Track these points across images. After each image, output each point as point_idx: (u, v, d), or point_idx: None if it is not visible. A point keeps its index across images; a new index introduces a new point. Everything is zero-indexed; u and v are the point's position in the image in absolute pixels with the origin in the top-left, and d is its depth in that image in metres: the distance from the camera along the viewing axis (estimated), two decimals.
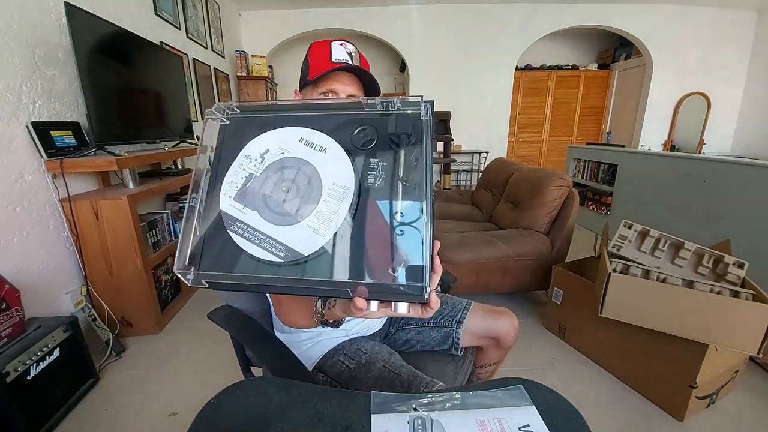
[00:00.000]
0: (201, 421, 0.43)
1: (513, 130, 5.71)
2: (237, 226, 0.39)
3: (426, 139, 0.38)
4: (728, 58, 4.90)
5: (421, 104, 0.38)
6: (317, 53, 0.74)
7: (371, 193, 0.38)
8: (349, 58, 0.73)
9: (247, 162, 0.41)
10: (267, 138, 0.41)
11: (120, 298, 1.72)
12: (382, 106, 0.40)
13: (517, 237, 1.94)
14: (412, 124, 0.38)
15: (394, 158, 0.38)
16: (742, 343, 1.15)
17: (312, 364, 0.82)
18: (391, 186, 0.37)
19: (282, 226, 0.38)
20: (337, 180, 0.38)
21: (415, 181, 0.37)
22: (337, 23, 4.61)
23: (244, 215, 0.39)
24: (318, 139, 0.40)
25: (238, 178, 0.41)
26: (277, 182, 0.40)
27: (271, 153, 0.41)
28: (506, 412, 0.44)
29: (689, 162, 2.33)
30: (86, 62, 1.58)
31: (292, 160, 0.40)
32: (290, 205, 0.39)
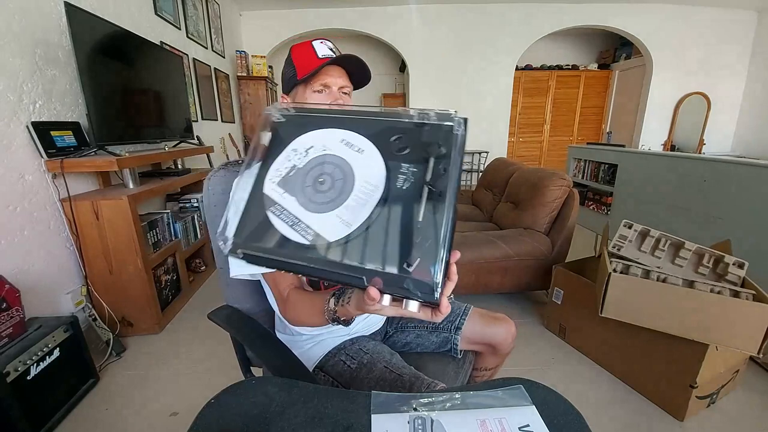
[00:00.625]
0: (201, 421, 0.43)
1: (513, 130, 5.71)
2: (275, 207, 0.44)
3: (455, 152, 0.40)
4: (728, 58, 4.90)
5: (454, 119, 0.41)
6: (301, 54, 0.74)
7: (398, 193, 0.41)
8: (333, 53, 0.74)
9: (293, 154, 0.46)
10: (313, 136, 0.46)
11: (120, 298, 1.72)
12: (419, 117, 0.43)
13: (517, 237, 1.94)
14: (445, 136, 0.41)
15: (425, 165, 0.41)
16: (742, 343, 1.15)
17: (314, 364, 0.82)
18: (417, 190, 0.40)
19: (314, 213, 0.42)
20: (369, 179, 0.42)
21: (439, 188, 0.39)
22: (337, 23, 4.61)
23: (282, 199, 0.44)
24: (357, 141, 0.45)
25: (283, 167, 0.46)
26: (316, 175, 0.44)
27: (315, 149, 0.46)
28: (506, 412, 0.45)
29: (689, 162, 2.33)
30: (86, 62, 1.58)
31: (331, 157, 0.45)
32: (324, 196, 0.43)
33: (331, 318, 0.59)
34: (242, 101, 4.38)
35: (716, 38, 4.81)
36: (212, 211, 0.84)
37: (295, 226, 0.42)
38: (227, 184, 0.84)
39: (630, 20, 4.68)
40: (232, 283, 0.89)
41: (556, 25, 4.74)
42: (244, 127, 4.48)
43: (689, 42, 4.80)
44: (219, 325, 0.81)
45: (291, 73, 0.75)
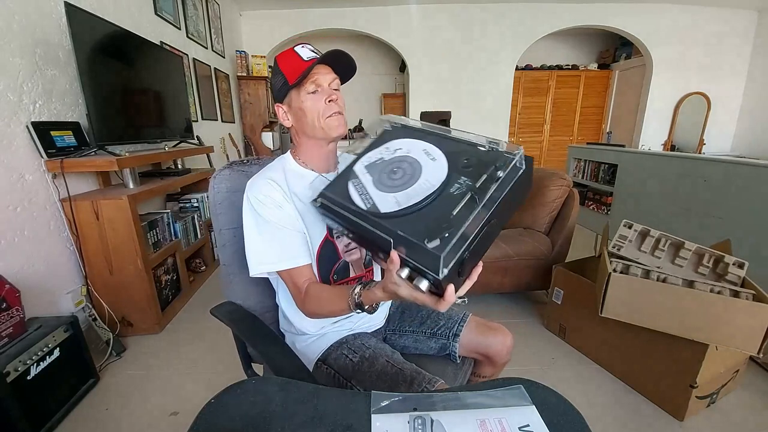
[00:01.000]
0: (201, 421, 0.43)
1: (513, 130, 5.71)
2: (355, 180, 0.60)
3: (508, 177, 0.49)
4: (728, 58, 4.90)
5: (518, 153, 0.50)
6: (287, 61, 0.74)
7: (447, 195, 0.51)
8: (316, 55, 0.75)
9: (385, 150, 0.63)
10: (404, 142, 0.62)
11: (120, 298, 1.72)
12: (489, 146, 0.54)
13: (517, 237, 1.94)
14: (505, 162, 0.50)
15: (478, 179, 0.50)
16: (742, 343, 1.15)
17: (316, 357, 0.83)
18: (463, 195, 0.49)
19: (379, 191, 0.56)
20: (430, 179, 0.53)
21: (481, 199, 0.47)
22: (337, 23, 4.61)
23: (363, 176, 0.60)
24: (434, 153, 0.57)
25: (374, 157, 0.63)
26: (394, 167, 0.58)
27: (401, 150, 0.61)
28: (506, 412, 0.45)
29: (689, 162, 2.33)
30: (86, 62, 1.58)
31: (410, 159, 0.58)
32: (393, 182, 0.56)
33: (355, 303, 0.64)
34: (242, 101, 4.38)
35: (716, 38, 4.81)
36: (217, 208, 0.86)
37: (362, 195, 0.57)
38: (232, 183, 0.86)
39: (630, 20, 4.68)
40: (234, 279, 0.89)
41: (556, 25, 4.74)
42: (244, 127, 4.48)
43: (689, 42, 4.80)
44: (221, 320, 0.81)
45: (281, 81, 0.75)
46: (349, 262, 0.83)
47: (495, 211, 0.48)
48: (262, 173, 0.77)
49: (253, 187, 0.74)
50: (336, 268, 0.82)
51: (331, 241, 0.79)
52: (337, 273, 0.82)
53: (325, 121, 0.74)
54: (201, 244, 2.44)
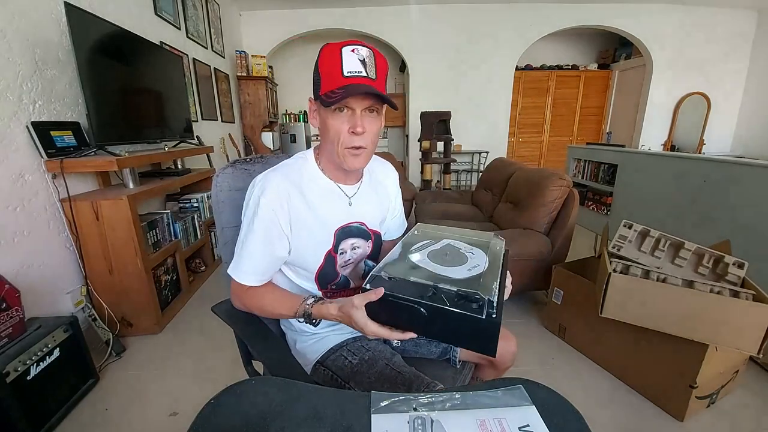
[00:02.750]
0: (201, 421, 0.43)
1: (513, 130, 5.71)
2: (416, 257, 0.67)
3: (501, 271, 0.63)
4: (728, 58, 4.90)
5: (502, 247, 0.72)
6: (327, 62, 0.64)
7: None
8: (363, 67, 0.64)
9: (433, 243, 0.74)
10: (450, 241, 0.74)
11: (120, 298, 1.72)
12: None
13: (517, 237, 1.93)
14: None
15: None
16: (742, 343, 1.15)
17: (315, 358, 0.82)
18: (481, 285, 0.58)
19: (435, 264, 0.64)
20: (473, 266, 0.63)
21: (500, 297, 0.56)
22: (337, 23, 4.61)
23: (422, 257, 0.67)
24: (476, 252, 0.70)
25: (427, 245, 0.73)
26: (446, 252, 0.69)
27: (450, 244, 0.73)
28: (506, 412, 0.45)
29: (689, 162, 2.33)
30: (86, 62, 1.58)
31: (457, 248, 0.71)
32: (444, 262, 0.65)
33: (304, 312, 0.69)
34: (242, 101, 4.38)
35: (716, 38, 4.81)
36: (219, 207, 0.86)
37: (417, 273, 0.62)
38: (235, 181, 0.85)
39: (630, 20, 4.68)
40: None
41: (556, 25, 4.74)
42: (244, 127, 4.48)
43: (689, 42, 4.80)
44: (221, 318, 0.81)
45: (317, 81, 0.67)
46: (346, 275, 0.82)
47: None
48: (280, 175, 0.71)
49: (266, 191, 0.69)
50: (336, 281, 0.81)
51: (333, 256, 0.78)
52: (336, 285, 0.82)
53: (342, 150, 0.68)
54: (201, 244, 2.44)
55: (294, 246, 0.73)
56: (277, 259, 0.74)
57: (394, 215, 0.93)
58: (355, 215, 0.79)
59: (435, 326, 0.56)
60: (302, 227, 0.72)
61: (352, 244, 0.80)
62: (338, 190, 0.77)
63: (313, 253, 0.75)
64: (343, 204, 0.78)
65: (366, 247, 0.83)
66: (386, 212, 0.89)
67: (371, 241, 0.83)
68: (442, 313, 0.54)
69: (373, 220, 0.83)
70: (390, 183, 0.91)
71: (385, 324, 0.61)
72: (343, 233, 0.78)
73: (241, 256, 0.71)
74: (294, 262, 0.77)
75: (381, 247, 0.88)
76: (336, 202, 0.77)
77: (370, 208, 0.82)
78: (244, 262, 0.71)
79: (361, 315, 0.60)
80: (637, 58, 5.18)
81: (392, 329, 0.61)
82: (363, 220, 0.80)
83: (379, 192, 0.86)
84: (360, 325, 0.61)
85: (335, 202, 0.77)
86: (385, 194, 0.88)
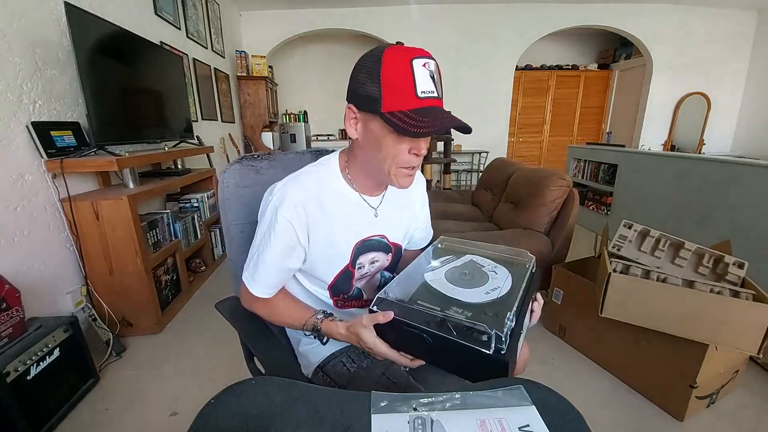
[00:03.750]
0: (201, 421, 0.43)
1: (513, 130, 5.71)
2: (433, 276, 0.67)
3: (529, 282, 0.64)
4: (728, 58, 4.90)
5: (531, 265, 0.69)
6: (394, 74, 0.56)
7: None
8: (433, 86, 0.57)
9: (454, 258, 0.73)
10: (473, 257, 0.73)
11: (120, 298, 1.72)
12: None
13: (517, 237, 1.93)
14: (535, 282, 0.67)
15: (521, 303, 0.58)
16: (742, 343, 1.15)
17: (317, 362, 0.82)
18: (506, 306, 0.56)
19: (452, 285, 0.62)
20: (493, 288, 0.60)
21: (522, 319, 0.56)
22: (337, 23, 4.61)
23: (438, 276, 0.66)
24: (500, 272, 0.67)
25: (447, 262, 0.72)
26: (466, 270, 0.68)
27: (473, 261, 0.71)
28: (506, 412, 0.44)
29: (689, 162, 2.33)
30: (86, 62, 1.58)
31: (480, 265, 0.70)
32: (462, 282, 0.63)
33: (313, 326, 0.69)
34: (242, 101, 4.38)
35: (716, 38, 4.81)
36: (225, 204, 0.85)
37: (437, 287, 0.62)
38: (241, 178, 0.84)
39: (630, 20, 4.68)
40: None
41: (556, 25, 4.74)
42: (244, 127, 4.48)
43: (689, 42, 4.80)
44: (222, 315, 0.81)
45: (374, 94, 0.57)
46: (360, 288, 0.81)
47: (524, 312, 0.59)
48: (299, 186, 0.67)
49: (284, 203, 0.65)
50: (350, 293, 0.80)
51: (351, 271, 0.75)
52: (349, 297, 0.81)
53: (396, 170, 0.63)
54: (201, 244, 2.44)
55: (310, 258, 0.71)
56: (291, 270, 0.72)
57: (418, 226, 0.89)
58: (378, 228, 0.76)
59: (441, 355, 0.54)
60: (320, 241, 0.69)
61: (371, 258, 0.77)
62: (363, 203, 0.73)
63: (328, 266, 0.73)
64: (368, 216, 0.74)
65: (385, 260, 0.81)
66: (410, 223, 0.85)
67: (391, 254, 0.81)
68: (447, 344, 0.51)
69: (395, 233, 0.80)
70: (417, 190, 0.86)
71: (392, 346, 0.59)
72: (364, 247, 0.75)
73: (257, 268, 0.69)
74: (309, 270, 0.74)
75: (401, 258, 0.86)
76: (360, 215, 0.73)
77: (394, 219, 0.79)
78: (258, 275, 0.69)
79: (370, 335, 0.59)
80: (637, 58, 5.18)
81: (401, 353, 0.59)
82: (385, 233, 0.77)
83: (405, 201, 0.82)
84: (369, 345, 0.60)
85: (359, 214, 0.73)
86: (410, 204, 0.84)
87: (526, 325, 0.59)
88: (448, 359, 0.54)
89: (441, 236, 0.81)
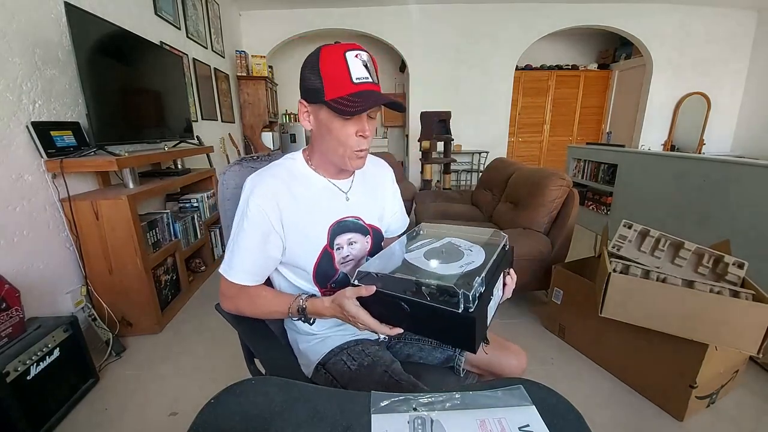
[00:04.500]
0: (201, 420, 0.43)
1: (513, 130, 5.71)
2: (412, 255, 0.68)
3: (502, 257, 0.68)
4: (728, 58, 4.90)
5: (507, 247, 0.74)
6: (332, 68, 0.63)
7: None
8: (367, 72, 0.65)
9: (434, 241, 0.75)
10: (451, 239, 0.75)
11: (120, 298, 1.72)
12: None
13: (516, 237, 1.93)
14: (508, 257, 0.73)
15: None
16: (742, 343, 1.16)
17: (317, 360, 0.82)
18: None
19: (429, 261, 0.64)
20: (467, 263, 0.62)
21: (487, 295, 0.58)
22: (337, 23, 4.61)
23: (417, 255, 0.68)
24: (475, 249, 0.69)
25: (427, 244, 0.73)
26: (443, 249, 0.70)
27: (450, 242, 0.73)
28: (506, 412, 0.45)
29: (689, 162, 2.33)
30: (86, 62, 1.58)
31: (457, 246, 0.71)
32: (440, 259, 0.65)
33: (298, 307, 0.71)
34: (242, 101, 4.38)
35: (716, 38, 4.81)
36: (225, 204, 0.86)
37: (415, 263, 0.64)
38: (241, 179, 0.84)
39: (630, 20, 4.68)
40: None
41: (556, 25, 4.74)
42: (244, 127, 4.48)
43: (689, 42, 4.80)
44: (223, 316, 0.81)
45: (317, 86, 0.65)
46: (346, 273, 0.82)
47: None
48: (269, 175, 0.73)
49: (255, 191, 0.70)
50: (335, 279, 0.80)
51: (330, 252, 0.77)
52: (336, 283, 0.80)
53: (349, 153, 0.70)
54: (201, 244, 2.44)
55: (288, 245, 0.74)
56: (271, 259, 0.74)
57: (393, 212, 0.92)
58: (351, 210, 0.79)
59: (418, 322, 0.58)
60: (294, 225, 0.73)
61: (348, 239, 0.79)
62: (333, 187, 0.78)
63: (307, 250, 0.75)
64: (339, 199, 0.79)
65: (365, 242, 0.82)
66: (383, 208, 0.89)
67: (370, 236, 0.83)
68: (421, 308, 0.55)
69: (370, 215, 0.83)
70: (386, 180, 0.91)
71: (373, 316, 0.62)
72: (339, 228, 0.77)
73: (234, 255, 0.72)
74: (290, 261, 0.76)
75: (382, 244, 0.87)
76: (332, 199, 0.78)
77: (367, 202, 0.83)
78: (236, 261, 0.71)
79: (352, 306, 0.62)
80: (637, 58, 5.18)
81: (381, 323, 0.62)
82: (359, 214, 0.80)
83: (375, 188, 0.87)
84: (351, 313, 0.63)
85: (331, 198, 0.78)
86: (381, 191, 0.88)
87: (497, 296, 0.64)
88: (425, 324, 0.58)
89: (422, 222, 0.84)
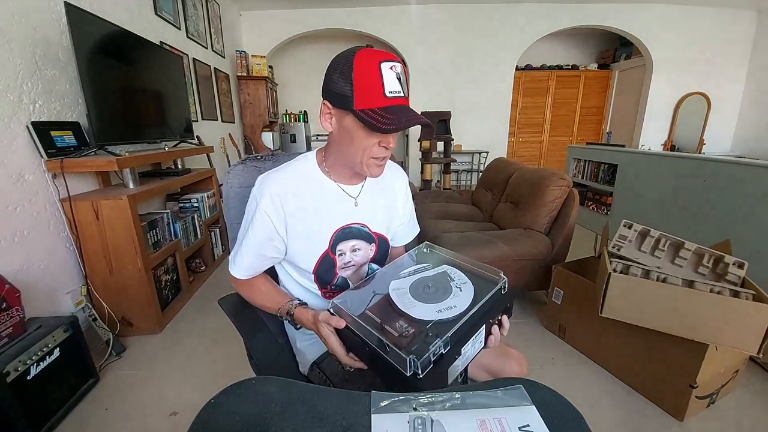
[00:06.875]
0: (201, 421, 0.43)
1: (513, 130, 5.71)
2: (399, 283, 0.68)
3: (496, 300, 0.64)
4: (728, 58, 4.90)
5: (504, 286, 0.67)
6: (364, 76, 0.60)
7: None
8: (400, 86, 0.63)
9: (430, 267, 0.73)
10: (448, 268, 0.72)
11: (120, 298, 1.72)
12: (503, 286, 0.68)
13: (517, 237, 1.93)
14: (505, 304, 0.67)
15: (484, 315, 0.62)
16: (742, 343, 1.15)
17: (312, 359, 0.83)
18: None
19: (410, 297, 0.64)
20: (446, 308, 0.60)
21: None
22: (337, 23, 4.61)
23: (403, 286, 0.67)
24: (465, 290, 0.65)
25: (420, 270, 0.72)
26: (431, 283, 0.67)
27: (445, 272, 0.70)
28: (506, 412, 0.44)
29: (689, 162, 2.33)
30: (86, 62, 1.58)
31: (450, 278, 0.69)
32: (422, 296, 0.64)
33: (287, 311, 0.73)
34: (242, 101, 4.38)
35: (716, 38, 4.81)
36: (229, 203, 0.87)
37: (404, 300, 0.64)
38: (245, 178, 0.87)
39: (630, 20, 4.68)
40: None
41: (556, 25, 4.74)
42: (244, 127, 4.48)
43: (689, 42, 4.80)
44: (223, 310, 0.82)
45: (346, 92, 0.62)
46: (346, 277, 0.82)
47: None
48: (278, 177, 0.73)
49: (263, 193, 0.70)
50: (335, 282, 0.81)
51: (331, 257, 0.77)
52: (336, 286, 0.81)
53: (368, 161, 0.68)
54: (201, 244, 2.44)
55: (290, 247, 0.75)
56: (269, 258, 0.77)
57: (402, 221, 0.90)
58: (358, 217, 0.78)
59: (378, 366, 0.57)
60: (297, 229, 0.73)
61: (352, 246, 0.79)
62: (342, 192, 0.77)
63: (308, 253, 0.75)
64: (347, 205, 0.77)
65: (368, 249, 0.82)
66: (392, 216, 0.87)
67: (374, 244, 0.82)
68: (379, 357, 0.55)
69: (377, 223, 0.81)
70: (398, 186, 0.89)
71: (344, 344, 0.63)
72: (343, 234, 0.77)
73: (237, 252, 0.76)
74: (291, 260, 0.78)
75: (388, 254, 0.87)
76: (340, 204, 0.77)
77: (375, 209, 0.81)
78: (238, 258, 0.76)
79: (325, 330, 0.63)
80: (637, 58, 5.18)
81: (349, 354, 0.62)
82: (365, 221, 0.79)
83: (386, 195, 0.84)
84: (323, 336, 0.64)
85: (339, 203, 0.77)
86: (392, 197, 0.86)
87: (474, 350, 0.61)
88: (382, 372, 0.57)
89: (425, 242, 0.82)
